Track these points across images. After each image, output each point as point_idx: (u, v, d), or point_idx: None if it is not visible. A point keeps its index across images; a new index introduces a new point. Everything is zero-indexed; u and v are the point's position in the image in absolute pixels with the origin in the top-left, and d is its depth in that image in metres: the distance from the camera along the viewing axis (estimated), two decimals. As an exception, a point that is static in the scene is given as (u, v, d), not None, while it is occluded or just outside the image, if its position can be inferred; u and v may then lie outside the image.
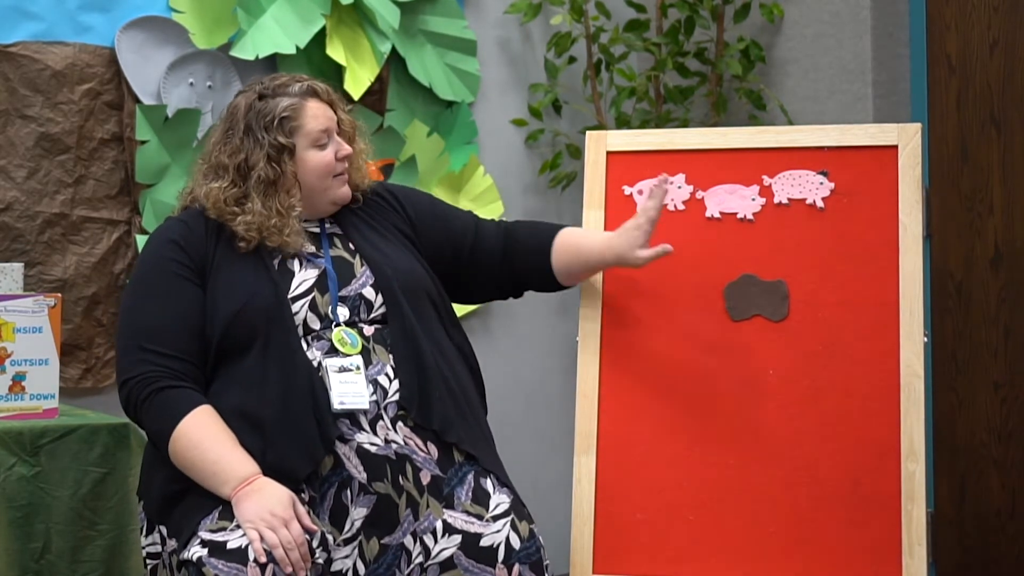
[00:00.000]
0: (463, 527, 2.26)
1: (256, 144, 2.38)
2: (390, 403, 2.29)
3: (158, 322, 2.30)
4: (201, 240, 2.36)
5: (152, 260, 2.37)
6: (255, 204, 2.36)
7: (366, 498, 2.23)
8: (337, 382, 2.26)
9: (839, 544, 2.42)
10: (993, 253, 3.40)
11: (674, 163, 2.67)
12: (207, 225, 2.39)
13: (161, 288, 2.33)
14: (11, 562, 2.43)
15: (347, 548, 2.23)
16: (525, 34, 3.96)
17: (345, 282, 2.37)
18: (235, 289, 2.31)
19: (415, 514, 2.25)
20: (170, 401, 2.25)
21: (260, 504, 2.14)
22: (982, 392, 3.41)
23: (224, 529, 2.15)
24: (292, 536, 2.12)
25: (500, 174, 3.88)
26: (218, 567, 2.10)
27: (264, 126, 2.38)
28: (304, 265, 2.37)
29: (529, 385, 3.86)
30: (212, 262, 2.35)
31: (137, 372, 2.28)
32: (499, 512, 2.29)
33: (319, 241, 2.42)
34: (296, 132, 2.40)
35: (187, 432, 2.22)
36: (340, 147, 2.44)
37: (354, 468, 2.24)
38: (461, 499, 2.29)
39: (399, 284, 2.38)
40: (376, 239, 2.46)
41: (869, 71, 3.56)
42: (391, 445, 2.26)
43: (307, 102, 2.42)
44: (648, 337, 2.58)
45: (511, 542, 2.26)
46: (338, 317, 2.34)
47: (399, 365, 2.32)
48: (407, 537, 2.25)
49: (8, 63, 3.12)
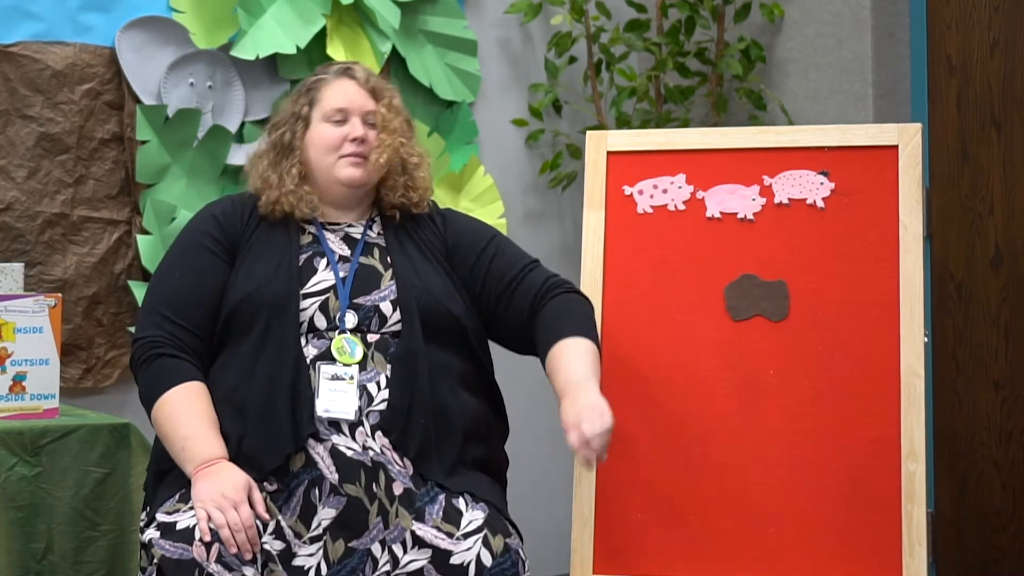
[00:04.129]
0: (433, 541, 2.23)
1: (287, 114, 2.50)
2: (373, 411, 2.28)
3: (179, 291, 2.36)
4: (241, 219, 2.43)
5: (189, 231, 2.44)
6: (276, 168, 2.45)
7: (336, 499, 2.23)
8: (327, 389, 2.27)
9: (839, 544, 2.42)
10: (993, 253, 3.40)
11: (674, 163, 2.67)
12: (254, 207, 2.45)
13: (190, 259, 2.39)
14: (13, 562, 2.43)
15: (312, 547, 2.22)
16: (525, 34, 3.96)
17: (366, 291, 2.37)
18: (252, 275, 2.35)
19: (385, 522, 2.23)
20: (165, 369, 2.29)
21: (214, 485, 2.17)
22: (982, 392, 3.41)
23: (178, 511, 2.19)
24: (240, 519, 2.13)
25: (500, 174, 3.88)
26: (165, 547, 2.13)
27: (295, 97, 2.51)
28: (330, 266, 2.38)
29: (529, 385, 3.86)
30: (246, 243, 2.40)
31: (146, 334, 2.33)
32: (471, 529, 2.24)
33: (355, 246, 2.43)
34: (315, 103, 2.47)
35: (170, 402, 2.26)
36: (355, 130, 2.45)
37: (326, 468, 2.24)
38: (432, 515, 2.25)
39: (420, 305, 2.36)
40: (416, 257, 2.45)
41: (869, 71, 3.56)
42: (368, 452, 2.25)
43: (338, 79, 2.50)
44: (648, 337, 2.58)
45: (482, 560, 2.21)
46: (344, 324, 2.34)
47: (393, 382, 2.30)
48: (375, 544, 2.23)
49: (8, 63, 3.12)
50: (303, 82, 2.54)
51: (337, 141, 2.44)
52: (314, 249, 2.40)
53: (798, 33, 3.73)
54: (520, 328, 2.46)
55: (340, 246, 2.43)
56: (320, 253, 2.40)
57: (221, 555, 2.12)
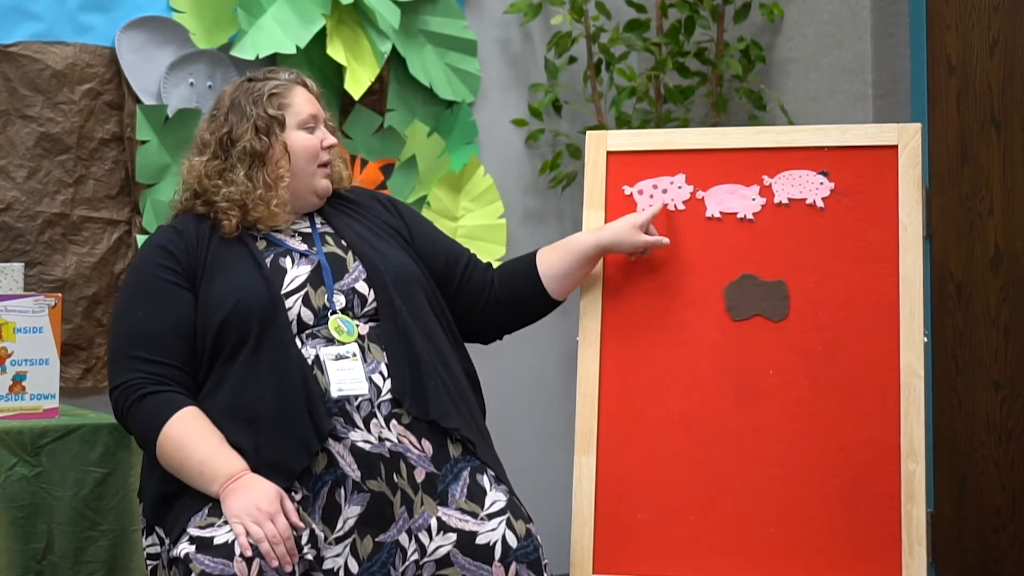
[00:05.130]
0: (458, 525, 2.26)
1: (242, 117, 2.42)
2: (384, 401, 2.29)
3: (146, 328, 2.31)
4: (192, 244, 2.38)
5: (141, 267, 2.39)
6: (238, 175, 2.39)
7: (360, 496, 2.24)
8: (335, 370, 2.27)
9: (839, 544, 2.42)
10: (993, 253, 3.40)
11: (674, 163, 2.67)
12: (199, 229, 2.40)
13: (150, 295, 2.34)
14: (13, 562, 2.43)
15: (339, 546, 2.23)
16: (525, 34, 3.96)
17: (338, 277, 2.38)
18: (227, 290, 2.32)
19: (410, 512, 2.25)
20: (153, 406, 2.26)
21: (246, 499, 2.15)
22: (982, 392, 3.41)
23: (212, 525, 2.16)
24: (278, 530, 2.12)
25: (500, 174, 3.88)
26: (205, 563, 2.11)
27: (253, 100, 2.43)
28: (297, 262, 2.38)
29: (529, 385, 3.86)
30: (204, 265, 2.36)
31: (123, 380, 2.29)
32: (495, 511, 2.28)
33: (311, 240, 2.43)
34: (286, 108, 2.44)
35: (172, 435, 2.23)
36: (327, 136, 2.48)
37: (348, 466, 2.24)
38: (456, 496, 2.28)
39: (391, 278, 2.39)
40: (368, 236, 2.47)
41: (869, 71, 3.56)
42: (385, 443, 2.26)
43: (296, 87, 2.48)
44: (648, 337, 2.58)
45: (507, 540, 2.26)
46: (334, 305, 2.34)
47: (392, 360, 2.32)
48: (402, 535, 2.25)
49: (8, 63, 3.12)
50: (251, 88, 2.44)
51: (318, 150, 2.45)
52: (274, 251, 2.39)
53: (798, 33, 3.74)
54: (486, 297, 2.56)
55: (297, 242, 2.43)
56: (282, 253, 2.39)
57: (262, 570, 2.11)
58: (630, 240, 2.55)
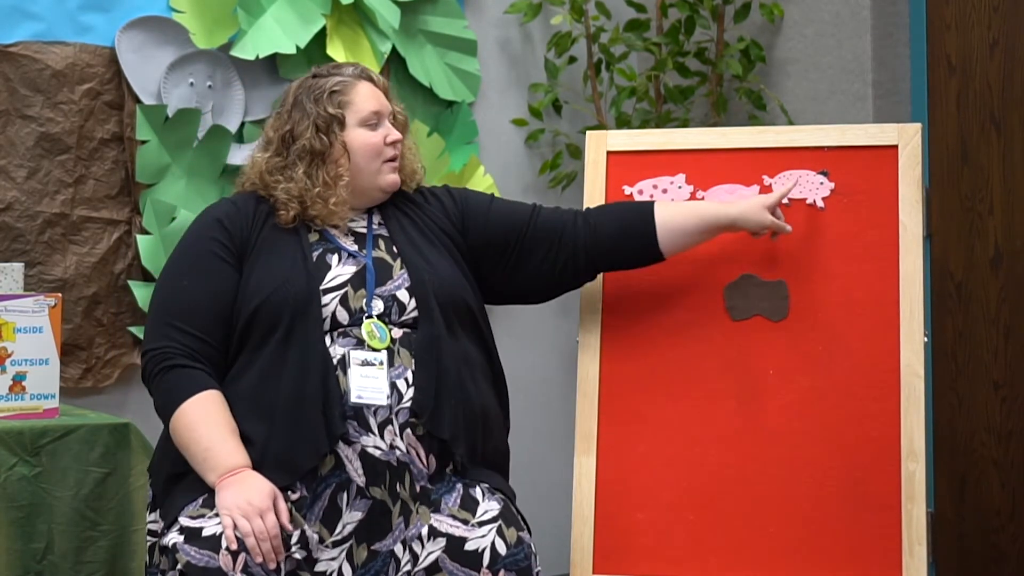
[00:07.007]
0: (448, 530, 2.25)
1: (303, 115, 2.41)
2: (402, 409, 2.28)
3: (188, 300, 2.32)
4: (247, 222, 2.38)
5: (194, 237, 2.40)
6: (297, 172, 2.39)
7: (362, 502, 2.24)
8: (358, 375, 2.26)
9: (839, 544, 2.42)
10: (993, 253, 3.40)
11: (674, 163, 2.67)
12: (256, 208, 2.41)
13: (197, 266, 2.35)
14: (13, 562, 2.43)
15: (335, 550, 2.23)
16: (525, 34, 3.96)
17: (381, 283, 2.36)
18: (268, 275, 2.32)
19: (406, 522, 2.25)
20: (179, 380, 2.27)
21: (239, 493, 2.15)
22: (982, 392, 3.41)
23: (203, 516, 2.17)
24: (266, 527, 2.13)
25: (500, 174, 3.88)
26: (191, 553, 2.12)
27: (314, 99, 2.42)
28: (344, 260, 2.38)
29: (529, 385, 3.86)
30: (254, 245, 2.37)
31: (156, 345, 2.30)
32: (486, 518, 2.27)
33: (363, 241, 2.42)
34: (346, 107, 2.42)
35: (187, 413, 2.24)
36: (390, 132, 2.45)
37: (354, 471, 2.24)
38: (449, 504, 2.28)
39: (435, 291, 2.36)
40: (422, 243, 2.45)
41: (869, 71, 3.56)
42: (395, 451, 2.25)
43: (359, 82, 2.45)
44: (648, 337, 2.58)
45: (496, 547, 2.24)
46: (371, 309, 2.33)
47: (419, 370, 2.30)
48: (397, 545, 2.25)
49: (8, 63, 3.12)
50: (314, 84, 2.45)
51: (381, 147, 2.43)
52: (324, 246, 2.39)
53: (798, 33, 3.74)
54: (557, 245, 2.49)
55: (349, 242, 2.42)
56: (331, 249, 2.39)
57: (247, 564, 2.11)
58: (757, 219, 2.50)
